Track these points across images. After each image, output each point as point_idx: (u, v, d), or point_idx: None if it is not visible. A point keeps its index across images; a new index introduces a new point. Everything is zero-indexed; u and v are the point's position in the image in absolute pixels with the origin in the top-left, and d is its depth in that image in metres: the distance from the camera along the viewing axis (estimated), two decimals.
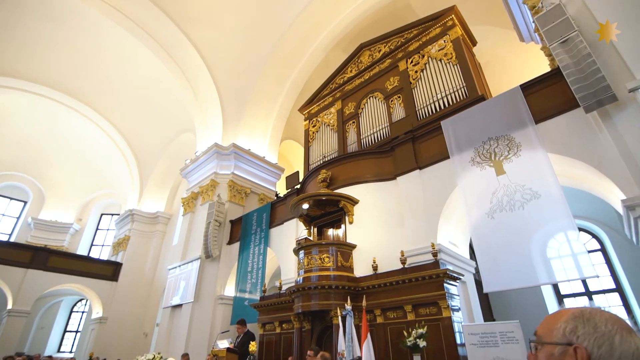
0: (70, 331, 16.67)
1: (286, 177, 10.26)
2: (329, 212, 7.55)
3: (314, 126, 11.50)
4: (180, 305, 10.67)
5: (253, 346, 4.91)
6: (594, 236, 8.29)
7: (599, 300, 7.95)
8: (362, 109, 10.21)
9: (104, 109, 15.98)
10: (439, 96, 8.11)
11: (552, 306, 8.18)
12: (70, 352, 15.73)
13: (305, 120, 11.86)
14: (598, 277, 4.53)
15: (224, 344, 5.12)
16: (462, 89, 7.74)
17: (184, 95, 13.61)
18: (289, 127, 14.77)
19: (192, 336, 9.66)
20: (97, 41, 13.04)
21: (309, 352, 4.64)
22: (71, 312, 17.14)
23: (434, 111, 8.05)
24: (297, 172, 9.87)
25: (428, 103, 8.31)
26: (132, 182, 17.25)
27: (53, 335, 15.96)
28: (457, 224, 6.63)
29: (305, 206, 7.29)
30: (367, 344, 4.40)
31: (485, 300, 8.82)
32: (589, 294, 8.15)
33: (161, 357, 4.50)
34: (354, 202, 7.15)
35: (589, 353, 0.74)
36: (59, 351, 15.64)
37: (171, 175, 16.91)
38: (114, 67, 14.09)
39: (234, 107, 12.96)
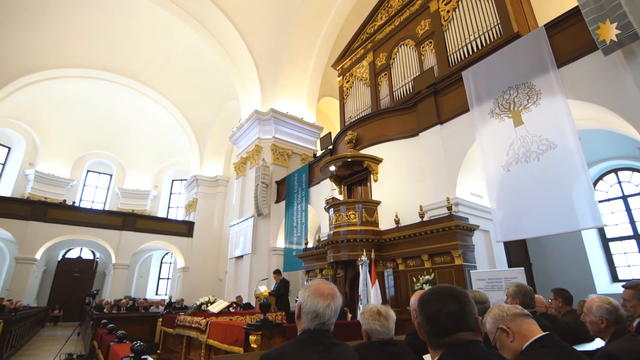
0: (163, 278, 20.14)
1: (320, 139, 10.76)
2: (355, 171, 8.02)
3: (347, 82, 11.57)
4: (241, 256, 12.36)
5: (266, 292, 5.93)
6: None
7: None
8: (394, 59, 10.00)
9: (158, 85, 17.54)
10: (471, 38, 7.67)
11: (592, 251, 8.01)
12: (165, 294, 19.16)
13: (339, 76, 11.92)
14: (606, 225, 4.50)
15: (263, 288, 6.21)
16: (497, 27, 7.22)
17: (224, 64, 14.38)
18: (326, 85, 14.90)
19: (253, 281, 11.29)
20: (140, 25, 14.11)
21: None
22: (161, 263, 20.54)
23: (465, 55, 7.69)
24: (329, 133, 10.28)
25: (460, 47, 7.92)
26: (193, 150, 19.16)
27: (150, 282, 19.52)
28: (480, 175, 6.68)
29: (332, 168, 7.84)
30: (375, 288, 5.10)
31: (522, 246, 8.89)
32: (637, 237, 7.77)
33: (215, 299, 5.71)
34: (377, 161, 7.50)
35: None
36: (156, 294, 19.15)
37: (224, 141, 18.36)
38: (158, 46, 15.27)
39: (269, 72, 13.39)
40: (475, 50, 7.43)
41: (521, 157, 5.34)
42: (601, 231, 8.38)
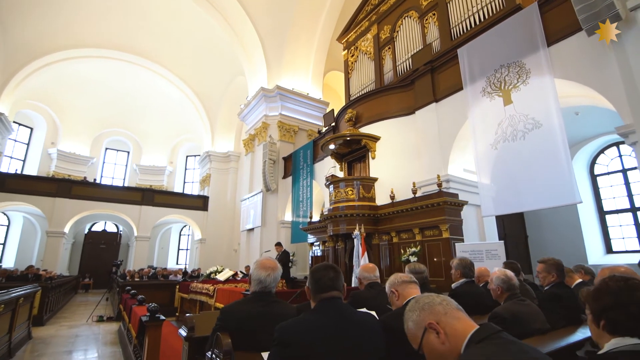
0: (182, 249, 21.36)
1: (323, 116, 10.97)
2: (355, 149, 8.31)
3: (352, 56, 11.57)
4: (252, 229, 13.06)
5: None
6: None
7: None
8: (397, 32, 9.93)
9: (168, 63, 17.81)
10: (474, 10, 7.59)
11: (588, 224, 8.21)
12: (185, 264, 20.39)
13: (344, 49, 11.90)
14: (581, 202, 4.74)
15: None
16: None
17: (230, 41, 14.48)
18: (333, 59, 14.84)
19: (272, 250, 11.98)
20: (149, 3, 14.29)
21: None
22: (180, 235, 21.69)
23: (468, 28, 7.63)
24: (332, 110, 10.48)
25: (463, 19, 7.85)
26: (204, 127, 19.64)
27: (170, 252, 20.77)
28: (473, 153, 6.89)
29: (332, 146, 8.15)
30: (364, 259, 5.58)
31: (520, 219, 9.15)
32: (633, 209, 7.91)
33: (223, 269, 6.33)
34: (375, 139, 7.76)
35: None
36: (177, 264, 20.41)
37: (234, 117, 18.68)
38: (167, 24, 15.47)
39: (275, 48, 13.43)
40: (477, 22, 7.35)
41: (509, 135, 5.53)
42: (599, 204, 8.54)
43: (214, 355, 1.55)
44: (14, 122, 16.50)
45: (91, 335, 6.75)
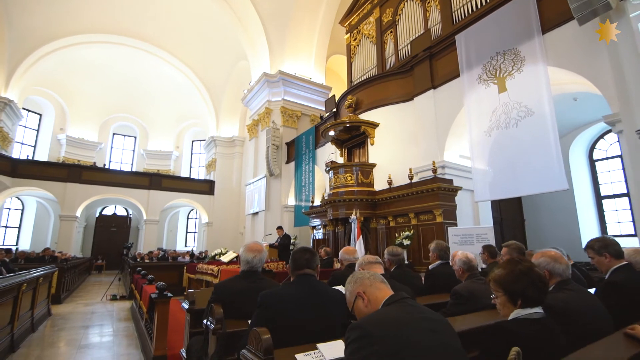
0: (190, 232, 21.95)
1: (325, 101, 11.07)
2: (354, 135, 8.46)
3: (354, 39, 11.54)
4: (257, 213, 13.42)
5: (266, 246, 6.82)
6: None
7: None
8: (400, 15, 9.89)
9: (172, 48, 17.89)
10: None
11: (584, 208, 8.35)
12: (193, 246, 21.00)
13: (346, 33, 11.86)
14: (567, 188, 4.90)
15: (266, 242, 7.13)
16: None
17: (233, 26, 14.46)
18: (335, 42, 14.76)
19: (274, 233, 12.37)
20: None
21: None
22: (188, 218, 22.24)
23: (470, 11, 7.60)
24: (333, 96, 10.57)
25: (465, 1, 7.82)
26: (209, 111, 19.82)
27: (179, 235, 21.37)
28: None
29: (332, 133, 8.32)
30: (359, 242, 5.87)
31: (517, 203, 9.32)
32: (630, 194, 8.00)
33: (226, 251, 6.67)
34: (374, 125, 7.90)
35: None
36: (185, 246, 21.03)
37: (238, 102, 18.79)
38: (170, 9, 15.52)
39: (277, 32, 13.39)
40: (479, 6, 7.31)
41: (502, 123, 5.66)
42: (596, 189, 8.65)
43: (209, 323, 1.84)
44: (23, 108, 16.85)
45: (106, 312, 7.21)
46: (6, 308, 4.06)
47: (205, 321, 1.88)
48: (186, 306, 2.32)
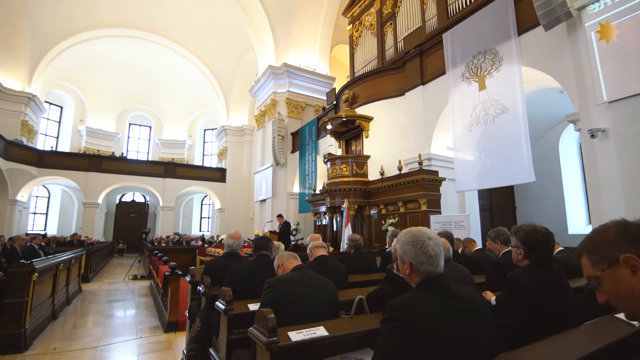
0: (204, 217, 23.04)
1: (327, 93, 11.53)
2: (351, 128, 8.98)
3: (357, 31, 11.87)
4: (264, 200, 14.17)
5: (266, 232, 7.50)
6: None
7: None
8: (399, 7, 10.18)
9: (182, 40, 18.49)
10: None
11: (573, 196, 8.72)
12: (208, 231, 22.08)
13: (349, 24, 12.18)
14: (534, 180, 5.36)
15: (266, 228, 7.83)
16: None
17: (240, 18, 14.90)
18: (340, 32, 15.01)
19: (274, 221, 13.14)
20: None
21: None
22: (202, 204, 23.30)
23: (465, 5, 7.89)
24: (334, 89, 11.03)
25: None
26: (220, 101, 20.49)
27: (194, 221, 22.48)
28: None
29: (329, 126, 8.85)
30: (347, 229, 6.49)
31: (510, 191, 9.73)
32: None
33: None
34: (368, 119, 8.39)
35: None
36: (200, 230, 22.15)
37: (247, 92, 19.38)
38: (183, 3, 16.00)
39: (282, 24, 13.78)
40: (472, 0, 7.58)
41: (481, 119, 6.10)
42: (585, 177, 8.97)
43: (201, 289, 2.52)
44: (45, 101, 17.88)
45: (128, 289, 8.14)
46: (48, 283, 4.90)
47: (198, 288, 2.56)
48: (188, 279, 3.02)
